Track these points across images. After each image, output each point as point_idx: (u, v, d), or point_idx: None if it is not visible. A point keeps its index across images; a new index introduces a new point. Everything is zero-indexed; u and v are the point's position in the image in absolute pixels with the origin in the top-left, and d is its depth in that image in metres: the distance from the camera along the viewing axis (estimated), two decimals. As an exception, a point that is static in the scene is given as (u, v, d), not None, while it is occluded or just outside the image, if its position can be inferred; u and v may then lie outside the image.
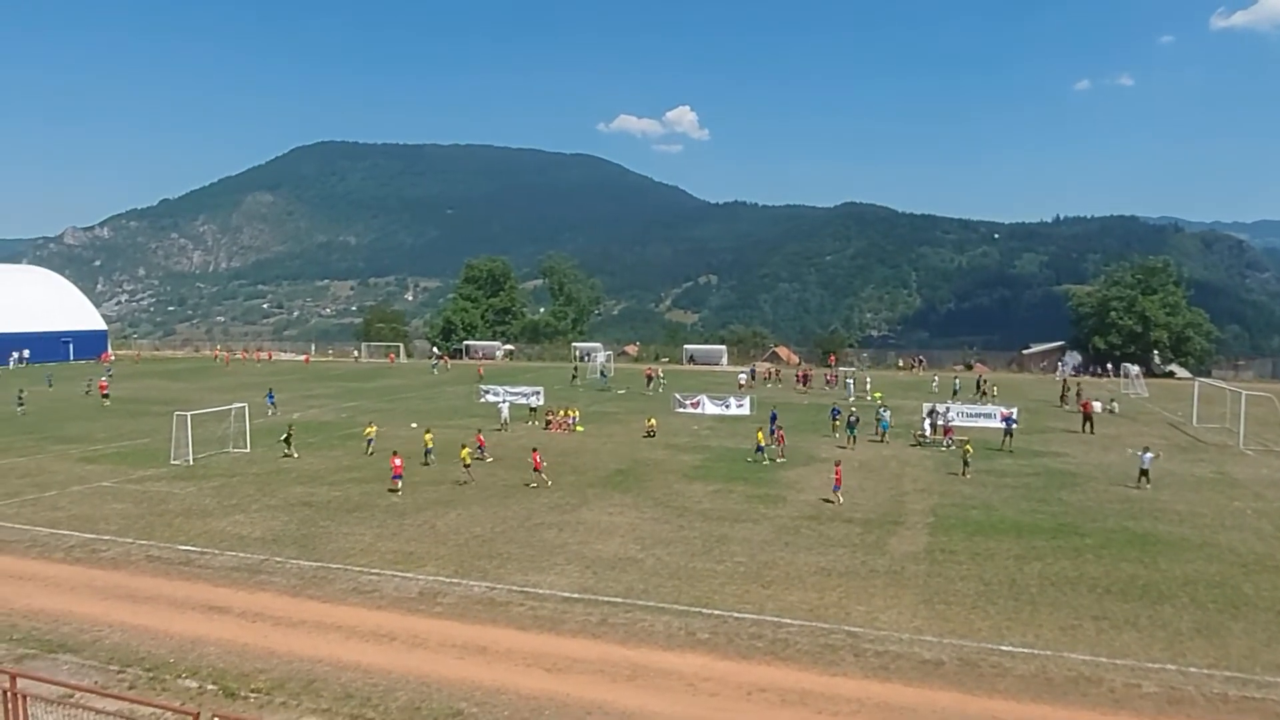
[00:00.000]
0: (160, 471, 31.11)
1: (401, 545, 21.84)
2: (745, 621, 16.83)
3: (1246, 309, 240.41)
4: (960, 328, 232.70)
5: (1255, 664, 15.00)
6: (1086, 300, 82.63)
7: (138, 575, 19.49)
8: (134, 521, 24.04)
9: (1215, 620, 16.99)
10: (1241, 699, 13.76)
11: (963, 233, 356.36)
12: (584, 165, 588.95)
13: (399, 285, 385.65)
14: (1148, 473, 28.95)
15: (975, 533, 23.27)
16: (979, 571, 19.95)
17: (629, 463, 33.16)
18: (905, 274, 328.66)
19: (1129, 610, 17.51)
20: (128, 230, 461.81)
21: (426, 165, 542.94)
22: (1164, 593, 18.56)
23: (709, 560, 20.75)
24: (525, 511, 25.37)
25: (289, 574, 19.60)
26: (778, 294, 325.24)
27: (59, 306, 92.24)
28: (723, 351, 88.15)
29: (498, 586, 18.78)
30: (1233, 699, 13.76)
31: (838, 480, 26.76)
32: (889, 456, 34.90)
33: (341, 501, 26.44)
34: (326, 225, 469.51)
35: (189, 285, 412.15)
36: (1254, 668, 14.85)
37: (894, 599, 18.10)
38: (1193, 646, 15.74)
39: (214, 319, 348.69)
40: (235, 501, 26.45)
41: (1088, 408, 42.07)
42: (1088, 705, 13.57)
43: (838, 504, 26.23)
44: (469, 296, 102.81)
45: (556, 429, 41.38)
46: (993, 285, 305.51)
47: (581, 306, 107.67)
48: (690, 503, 26.70)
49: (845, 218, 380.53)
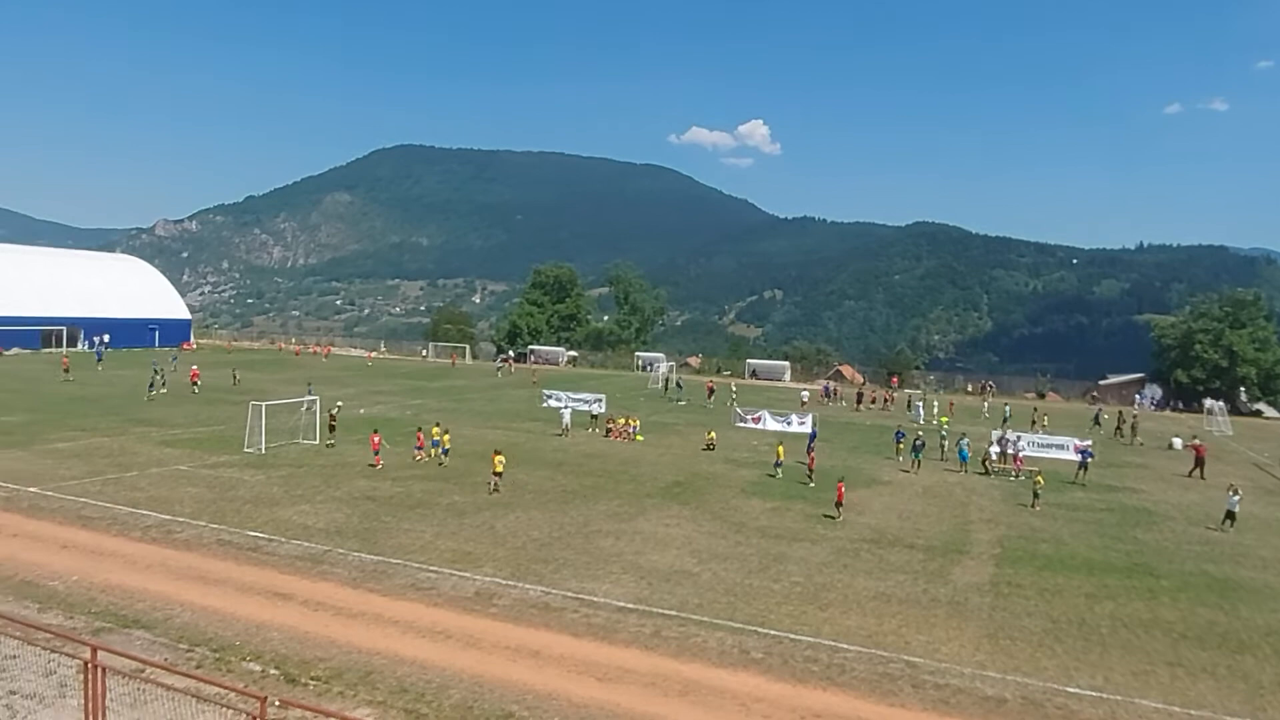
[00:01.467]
0: (233, 458, 32.19)
1: (460, 544, 22.12)
2: (801, 644, 16.54)
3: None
4: (1033, 354, 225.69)
5: (1344, 725, 14.13)
6: (1169, 331, 79.39)
7: (208, 558, 20.15)
8: (207, 505, 24.88)
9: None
10: (1329, 762, 12.97)
11: (1039, 256, 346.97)
12: (653, 176, 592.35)
13: (467, 287, 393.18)
14: (1234, 515, 27.58)
15: (1044, 567, 22.48)
16: (1046, 608, 19.26)
17: (687, 475, 33.04)
18: (976, 296, 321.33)
19: (1206, 658, 16.67)
20: (214, 224, 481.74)
21: (499, 171, 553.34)
22: (1244, 642, 17.63)
23: (765, 578, 20.50)
24: (583, 518, 25.46)
25: (350, 566, 20.02)
26: (843, 311, 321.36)
27: (148, 295, 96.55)
28: (785, 367, 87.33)
29: (552, 591, 18.85)
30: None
31: (839, 498, 26.90)
32: (954, 483, 34.02)
33: (403, 498, 26.94)
34: (400, 226, 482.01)
35: (267, 279, 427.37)
36: (1342, 729, 13.99)
37: (956, 630, 17.59)
38: (1274, 701, 14.90)
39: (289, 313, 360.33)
40: (302, 492, 27.18)
41: (1201, 451, 38.60)
42: (1160, 756, 12.97)
43: (837, 519, 26.45)
44: (535, 301, 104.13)
45: (616, 437, 41.49)
46: (1069, 311, 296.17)
47: (645, 316, 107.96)
48: (748, 519, 26.44)
49: (916, 236, 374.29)
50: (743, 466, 35.23)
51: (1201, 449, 38.84)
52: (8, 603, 16.17)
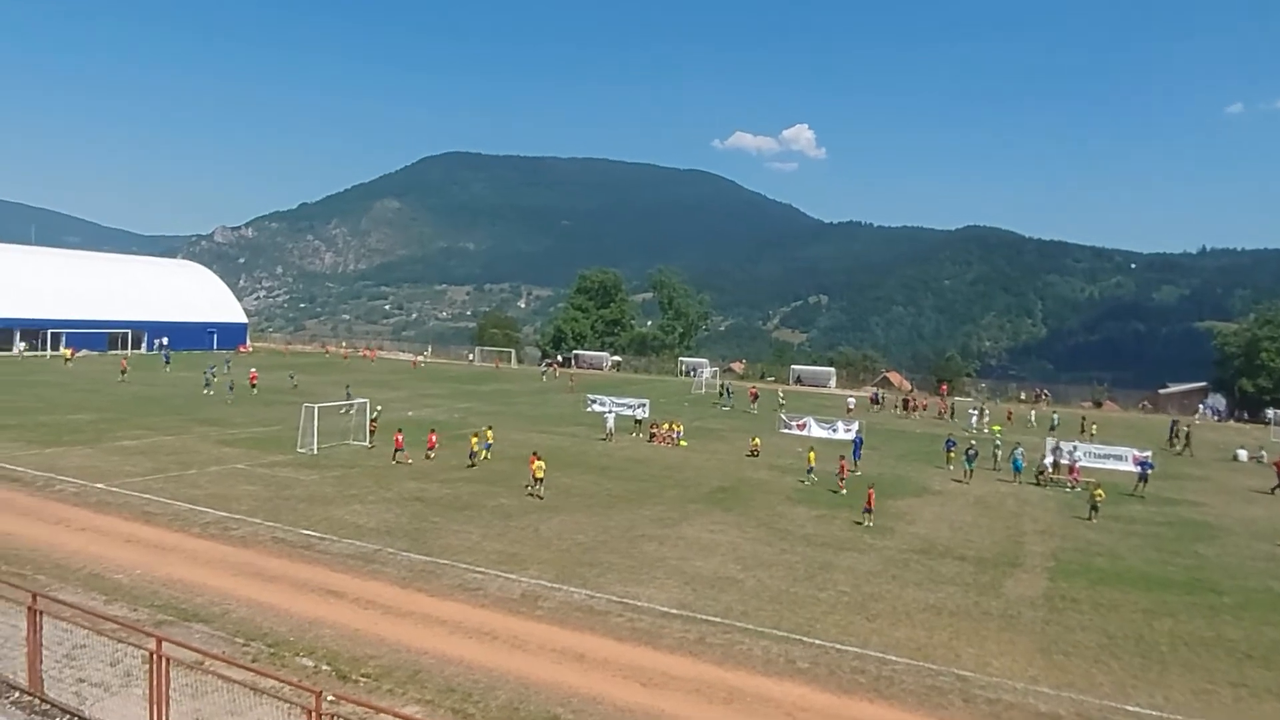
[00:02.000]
0: (288, 458, 32.98)
1: (506, 546, 22.34)
2: (847, 654, 16.36)
3: None
4: (1088, 361, 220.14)
5: None
6: (1233, 339, 76.91)
7: (264, 554, 20.66)
8: (263, 503, 25.53)
9: (1375, 699, 15.41)
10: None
11: (1095, 261, 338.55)
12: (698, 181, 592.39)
13: (513, 292, 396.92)
14: None
15: (1099, 581, 21.92)
16: (1102, 623, 18.77)
17: (732, 481, 32.93)
18: (1030, 302, 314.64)
19: (1272, 679, 16.08)
20: (269, 230, 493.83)
21: (545, 177, 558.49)
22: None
23: (811, 587, 20.32)
24: (627, 522, 25.53)
25: (400, 565, 20.35)
26: (890, 317, 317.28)
27: (207, 299, 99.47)
28: (831, 374, 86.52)
29: (597, 595, 18.93)
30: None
31: (869, 504, 26.79)
32: (1007, 494, 33.36)
33: (451, 499, 27.30)
34: (448, 232, 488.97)
35: (319, 284, 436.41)
36: None
37: (1008, 644, 17.24)
38: (1347, 726, 14.34)
39: (340, 317, 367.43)
40: (354, 492, 27.72)
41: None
42: (1222, 779, 12.57)
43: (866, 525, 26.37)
44: (580, 306, 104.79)
45: (660, 442, 41.53)
46: (1126, 318, 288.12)
47: (690, 321, 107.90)
48: (793, 526, 26.25)
49: (966, 241, 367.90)
50: (788, 473, 35.00)
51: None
52: (77, 594, 16.77)
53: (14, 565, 18.70)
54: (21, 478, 27.58)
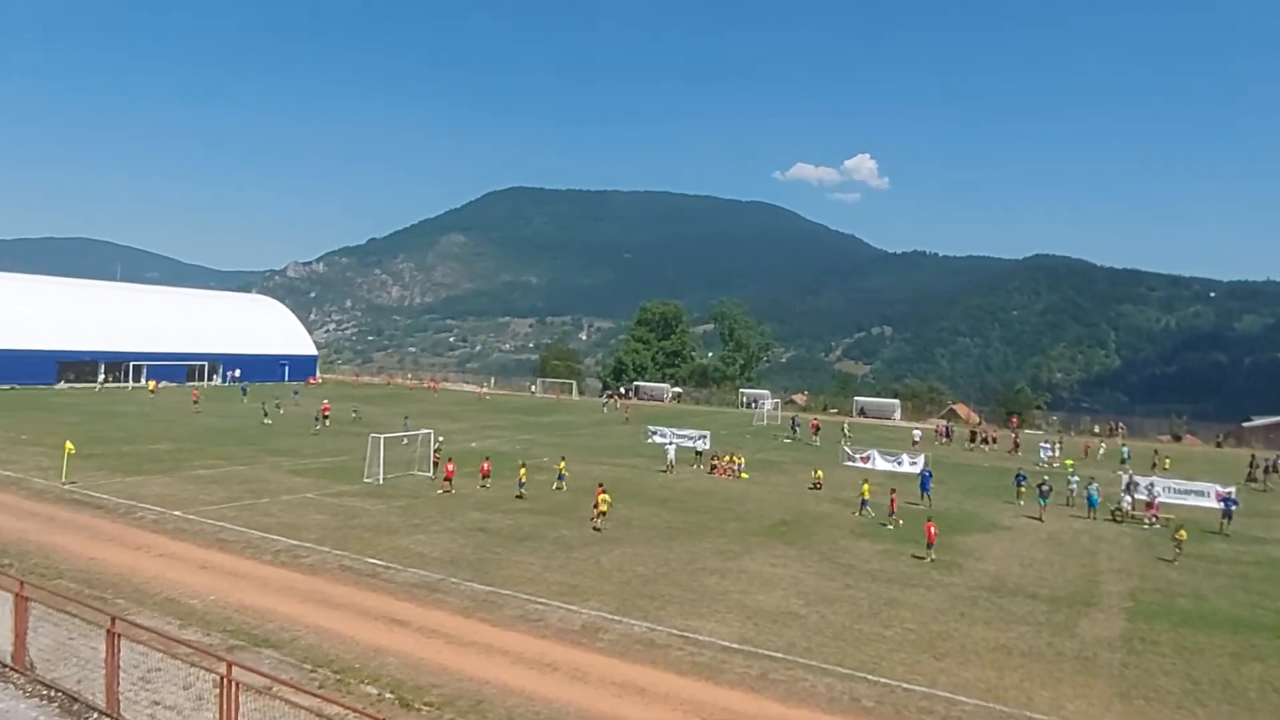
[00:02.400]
0: (355, 488, 33.75)
1: (567, 578, 22.41)
2: (914, 694, 15.91)
3: None
4: (1165, 394, 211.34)
5: None
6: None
7: (332, 582, 21.13)
8: (331, 532, 26.16)
9: None
10: None
11: (1172, 289, 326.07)
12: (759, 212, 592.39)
13: (574, 324, 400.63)
14: None
15: (1182, 623, 20.92)
16: (1186, 667, 17.89)
17: (794, 514, 32.50)
18: (1102, 333, 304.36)
19: (1375, 731, 15.12)
20: (339, 265, 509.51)
21: (606, 210, 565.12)
22: None
23: (876, 624, 19.87)
24: (688, 555, 25.37)
25: (463, 595, 20.58)
26: (956, 348, 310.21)
27: (279, 332, 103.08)
28: (896, 405, 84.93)
29: (658, 628, 18.82)
30: None
31: (930, 538, 26.08)
32: (1080, 530, 32.15)
33: (513, 530, 27.55)
34: (511, 265, 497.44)
35: (386, 317, 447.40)
36: None
37: (1084, 687, 16.55)
38: None
39: (406, 349, 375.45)
40: (418, 521, 28.20)
41: None
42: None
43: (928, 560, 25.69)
44: (641, 338, 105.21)
45: (721, 474, 41.26)
46: (1205, 348, 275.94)
47: (751, 353, 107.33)
48: (857, 561, 25.74)
49: (1034, 270, 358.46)
50: (851, 506, 34.31)
51: None
52: (154, 618, 17.39)
53: (97, 589, 19.52)
54: (105, 505, 28.82)
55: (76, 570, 20.98)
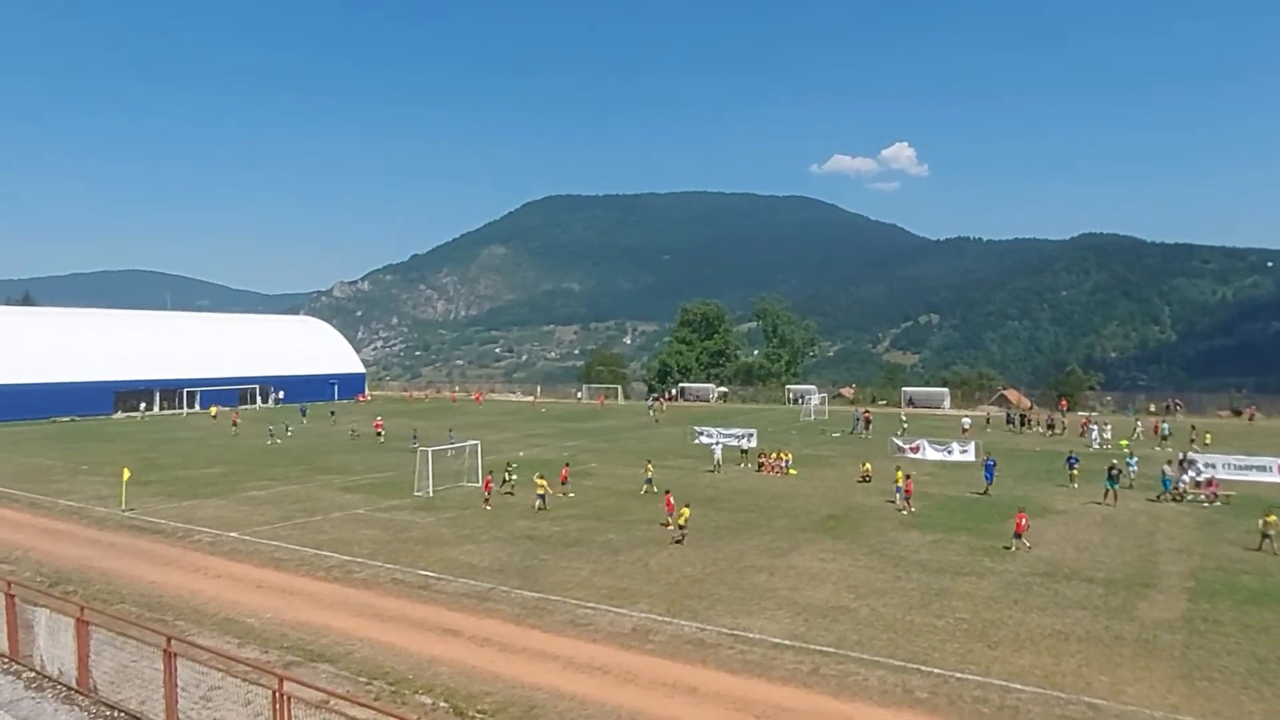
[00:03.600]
0: (404, 502, 34.32)
1: (615, 581, 22.54)
2: (969, 683, 15.70)
3: None
4: (1225, 367, 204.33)
5: None
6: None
7: (384, 596, 21.56)
8: (382, 546, 26.66)
9: None
10: None
11: (1226, 261, 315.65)
12: (797, 207, 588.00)
13: (618, 329, 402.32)
14: None
15: (1246, 601, 20.29)
16: (1251, 646, 17.35)
17: (842, 508, 32.21)
18: (1155, 308, 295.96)
19: None
20: (384, 283, 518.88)
21: (643, 214, 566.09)
22: None
23: (927, 614, 19.63)
24: (736, 553, 25.34)
25: (513, 603, 20.83)
26: (1005, 332, 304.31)
27: (327, 352, 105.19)
28: (945, 394, 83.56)
29: (707, 628, 18.84)
30: None
31: (1019, 529, 25.57)
32: (1137, 511, 31.34)
33: (560, 536, 27.78)
34: (551, 274, 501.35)
35: (432, 332, 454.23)
36: None
37: (1144, 671, 16.16)
38: None
39: (453, 362, 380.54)
40: (467, 532, 28.59)
41: None
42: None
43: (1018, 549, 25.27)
44: (683, 339, 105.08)
45: (769, 471, 41.07)
46: (1265, 319, 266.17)
47: (795, 348, 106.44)
48: (907, 552, 25.44)
49: (1082, 249, 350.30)
50: (888, 501, 33.91)
51: None
52: (212, 637, 17.94)
53: (157, 611, 20.18)
54: (163, 529, 29.74)
55: (137, 594, 21.70)
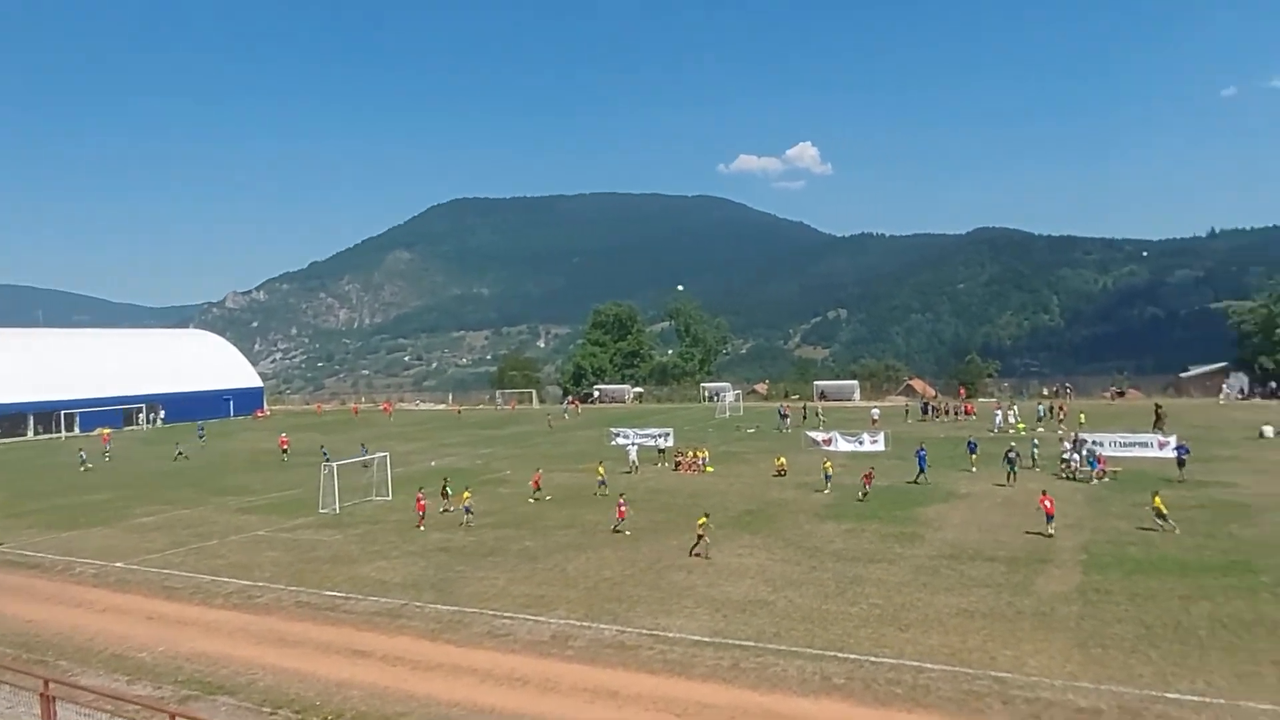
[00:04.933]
0: (310, 520, 33.05)
1: (533, 589, 22.23)
2: (883, 666, 16.12)
3: None
4: (1108, 352, 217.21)
5: None
6: (1249, 317, 75.69)
7: (288, 620, 20.68)
8: (285, 568, 25.59)
9: None
10: None
11: (1107, 252, 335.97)
12: (706, 207, 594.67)
13: (531, 333, 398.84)
14: None
15: (1134, 571, 21.47)
16: (1139, 613, 18.35)
17: (759, 503, 32.64)
18: (1045, 298, 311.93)
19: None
20: (281, 292, 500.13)
21: (552, 216, 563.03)
22: (1361, 637, 16.48)
23: (843, 602, 20.06)
24: (654, 553, 25.34)
25: (427, 618, 20.28)
26: (909, 325, 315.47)
27: (221, 367, 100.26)
28: (855, 386, 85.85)
29: (627, 630, 18.77)
30: None
31: (1049, 511, 25.73)
32: (1034, 490, 32.62)
33: (476, 546, 27.24)
34: (460, 279, 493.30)
35: (336, 342, 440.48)
36: None
37: (1044, 642, 16.89)
38: (1397, 697, 13.88)
39: (359, 373, 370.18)
40: (377, 548, 27.72)
41: None
42: (1276, 764, 12.19)
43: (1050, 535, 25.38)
44: (597, 341, 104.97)
45: (686, 470, 41.30)
46: (1142, 305, 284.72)
47: (709, 347, 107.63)
48: (822, 543, 25.95)
49: (977, 243, 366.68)
50: (814, 490, 34.64)
51: None
52: (99, 676, 16.84)
53: (36, 652, 18.81)
54: (41, 563, 27.85)
55: (12, 634, 20.22)
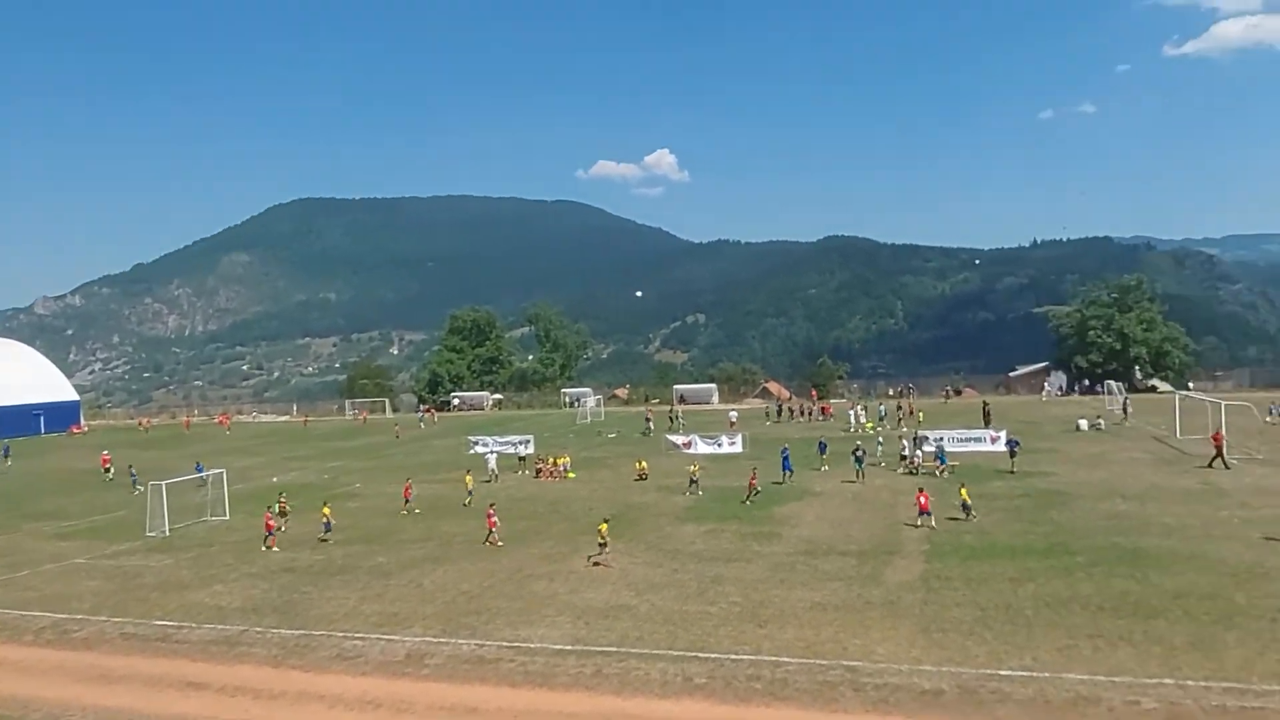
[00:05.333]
0: (135, 545, 30.37)
1: (386, 606, 21.33)
2: (742, 663, 16.46)
3: (1221, 321, 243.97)
4: (946, 353, 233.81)
5: (1251, 674, 14.81)
6: (1066, 321, 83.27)
7: (112, 654, 18.90)
8: (107, 598, 23.40)
9: (1209, 632, 16.79)
10: (1240, 709, 13.58)
11: (944, 260, 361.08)
12: (565, 212, 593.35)
13: (383, 340, 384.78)
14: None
15: (969, 558, 23.01)
16: (974, 597, 19.67)
17: (620, 507, 32.66)
18: (890, 303, 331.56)
19: (1123, 627, 17.28)
20: (100, 297, 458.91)
21: (406, 219, 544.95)
22: (1157, 607, 18.35)
23: (703, 602, 20.37)
24: (515, 563, 24.90)
25: (270, 644, 19.05)
26: (765, 329, 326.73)
27: (28, 379, 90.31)
28: (713, 390, 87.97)
29: (487, 643, 18.33)
30: (1231, 710, 13.57)
31: (924, 507, 26.84)
32: (881, 486, 34.63)
33: (324, 565, 25.86)
34: (305, 283, 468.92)
35: (164, 351, 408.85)
36: (1250, 677, 14.66)
37: (891, 630, 17.77)
38: (1188, 660, 15.52)
39: (191, 384, 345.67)
40: (213, 571, 25.80)
41: (1218, 440, 35.23)
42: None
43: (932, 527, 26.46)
44: (454, 348, 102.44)
45: (547, 477, 40.90)
46: (976, 310, 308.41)
47: (569, 352, 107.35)
48: (683, 545, 26.29)
49: (828, 251, 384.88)
50: (675, 493, 35.12)
51: (1218, 437, 35.49)
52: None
53: None
54: None
55: None
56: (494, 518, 27.97)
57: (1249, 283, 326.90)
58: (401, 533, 29.72)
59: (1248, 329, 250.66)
